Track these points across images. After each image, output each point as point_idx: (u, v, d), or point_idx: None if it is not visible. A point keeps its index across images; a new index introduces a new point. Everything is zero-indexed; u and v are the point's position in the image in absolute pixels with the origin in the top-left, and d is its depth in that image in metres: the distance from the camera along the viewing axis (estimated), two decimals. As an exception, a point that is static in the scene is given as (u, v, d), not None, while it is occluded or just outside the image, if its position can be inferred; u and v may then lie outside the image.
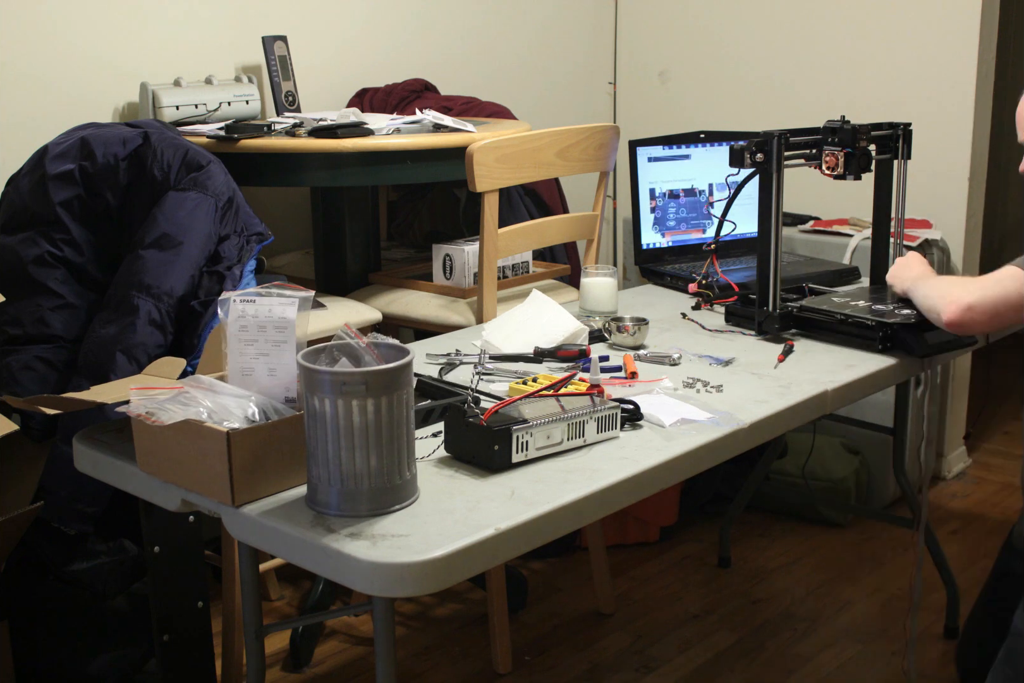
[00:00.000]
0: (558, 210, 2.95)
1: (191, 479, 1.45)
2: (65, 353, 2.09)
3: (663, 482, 1.58)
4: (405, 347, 1.41)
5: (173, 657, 1.78)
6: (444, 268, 2.58)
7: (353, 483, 1.35)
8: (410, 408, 1.38)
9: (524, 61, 3.56)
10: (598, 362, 1.75)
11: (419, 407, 1.66)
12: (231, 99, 2.65)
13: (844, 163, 2.12)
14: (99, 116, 2.55)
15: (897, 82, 3.25)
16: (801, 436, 2.97)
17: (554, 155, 2.39)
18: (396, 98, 2.98)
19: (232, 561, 2.21)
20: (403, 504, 1.38)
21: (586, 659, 2.48)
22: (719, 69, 3.61)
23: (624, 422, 1.65)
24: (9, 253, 2.13)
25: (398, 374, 1.34)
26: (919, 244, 3.04)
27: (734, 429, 1.67)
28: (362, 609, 2.21)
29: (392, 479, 1.36)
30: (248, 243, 2.19)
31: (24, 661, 2.09)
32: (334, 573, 1.32)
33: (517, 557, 1.44)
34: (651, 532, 3.00)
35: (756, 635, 2.57)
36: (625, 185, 3.14)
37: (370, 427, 1.33)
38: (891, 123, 2.20)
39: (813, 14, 3.39)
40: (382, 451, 1.34)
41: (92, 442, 1.63)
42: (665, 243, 2.68)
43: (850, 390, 1.91)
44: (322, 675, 2.41)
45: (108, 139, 2.17)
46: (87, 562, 2.12)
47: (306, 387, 1.35)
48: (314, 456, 1.36)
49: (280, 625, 2.19)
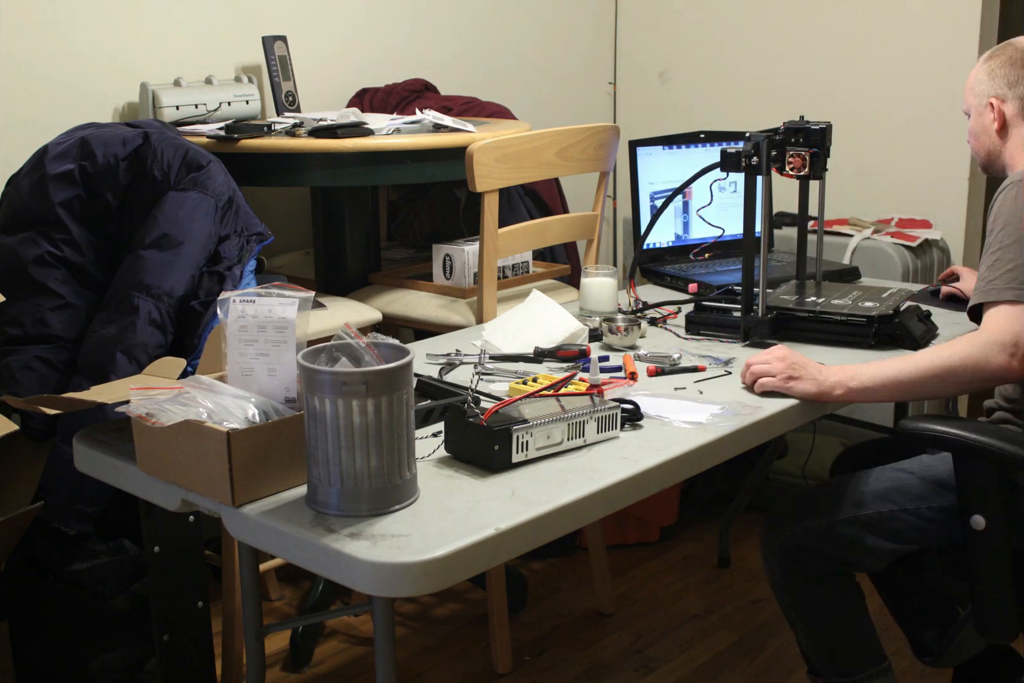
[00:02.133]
0: (558, 210, 2.95)
1: (191, 479, 1.44)
2: (65, 353, 2.09)
3: (663, 482, 1.58)
4: (405, 347, 1.41)
5: (173, 657, 1.78)
6: (444, 268, 2.58)
7: (353, 483, 1.35)
8: (410, 408, 1.37)
9: (524, 61, 3.57)
10: (598, 362, 1.75)
11: (419, 407, 1.66)
12: (231, 99, 2.65)
13: (810, 163, 2.08)
14: (99, 116, 2.55)
15: (898, 82, 3.25)
16: (801, 436, 2.97)
17: (554, 155, 2.39)
18: (396, 98, 2.98)
19: (232, 561, 2.21)
20: (403, 504, 1.38)
21: (586, 659, 2.48)
22: (719, 69, 3.61)
23: (624, 422, 1.65)
24: (9, 253, 2.13)
25: (398, 374, 1.34)
26: (919, 244, 3.04)
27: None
28: (362, 609, 2.21)
29: (392, 479, 1.36)
30: (248, 243, 2.19)
31: (24, 661, 2.09)
32: (334, 573, 1.31)
33: (517, 557, 1.44)
34: (651, 532, 3.01)
35: (756, 635, 2.57)
36: (625, 185, 3.14)
37: (370, 427, 1.33)
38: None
39: (813, 14, 3.39)
40: (382, 451, 1.34)
41: (92, 442, 1.63)
42: (665, 243, 2.69)
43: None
44: (322, 675, 2.41)
45: (108, 139, 2.17)
46: (87, 562, 2.12)
47: (306, 387, 1.35)
48: (314, 456, 1.36)
49: (280, 625, 2.19)
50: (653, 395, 1.78)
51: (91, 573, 2.12)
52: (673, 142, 2.67)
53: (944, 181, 3.17)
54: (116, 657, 2.16)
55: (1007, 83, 1.93)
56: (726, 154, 2.04)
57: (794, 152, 2.10)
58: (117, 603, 2.16)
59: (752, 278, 2.08)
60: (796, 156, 2.10)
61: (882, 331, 2.01)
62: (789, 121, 2.12)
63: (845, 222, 3.15)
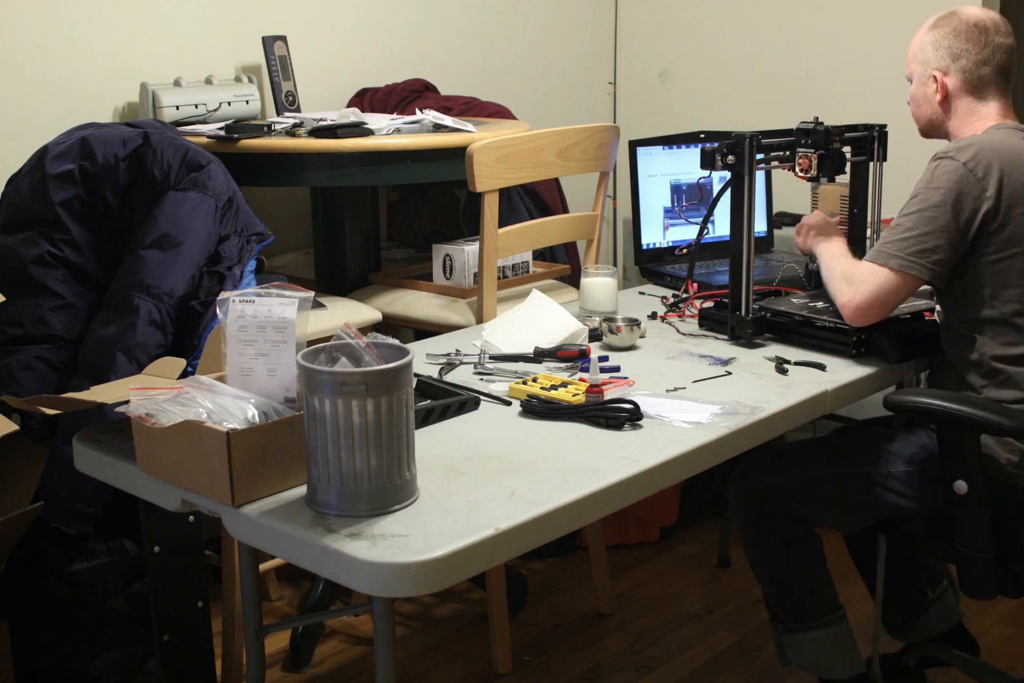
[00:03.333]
0: (558, 210, 2.95)
1: (191, 479, 1.44)
2: (65, 353, 2.09)
3: (663, 482, 1.58)
4: (405, 347, 1.41)
5: (173, 657, 1.78)
6: (444, 268, 2.58)
7: (353, 483, 1.35)
8: (410, 408, 1.37)
9: (524, 61, 3.57)
10: (597, 362, 1.75)
11: (419, 407, 1.66)
12: (231, 99, 2.65)
13: (818, 165, 2.10)
14: (99, 116, 2.55)
15: (898, 82, 3.24)
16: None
17: (554, 155, 2.39)
18: (396, 98, 2.98)
19: (232, 561, 2.21)
20: (403, 504, 1.38)
21: (586, 659, 2.48)
22: (719, 69, 3.61)
23: (624, 422, 1.65)
24: (9, 253, 2.13)
25: (398, 374, 1.34)
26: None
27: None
28: (362, 609, 2.21)
29: (392, 479, 1.36)
30: (248, 243, 2.19)
31: (24, 661, 2.09)
32: (334, 573, 1.32)
33: (517, 557, 1.44)
34: (651, 532, 3.00)
35: (756, 635, 2.57)
36: (625, 185, 3.14)
37: (370, 427, 1.33)
38: (866, 124, 2.18)
39: (813, 14, 3.39)
40: (382, 451, 1.34)
41: (92, 442, 1.63)
42: (665, 243, 2.69)
43: (850, 390, 1.91)
44: (322, 675, 2.41)
45: (108, 139, 2.17)
46: (87, 562, 2.12)
47: (306, 387, 1.35)
48: (314, 456, 1.36)
49: (280, 625, 2.19)
50: (653, 395, 1.79)
51: (91, 573, 2.12)
52: (673, 142, 2.67)
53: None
54: (116, 657, 2.16)
55: (950, 55, 1.97)
56: (704, 152, 2.07)
57: (803, 153, 2.12)
58: (117, 603, 2.16)
59: (740, 278, 2.08)
60: (804, 157, 2.12)
61: (862, 341, 2.00)
62: (803, 122, 2.13)
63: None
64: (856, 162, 2.19)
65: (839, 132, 2.10)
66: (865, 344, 1.99)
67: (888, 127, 2.20)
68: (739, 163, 2.05)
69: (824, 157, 2.09)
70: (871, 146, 2.18)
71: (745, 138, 2.04)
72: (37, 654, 2.11)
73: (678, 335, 2.16)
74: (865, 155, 2.19)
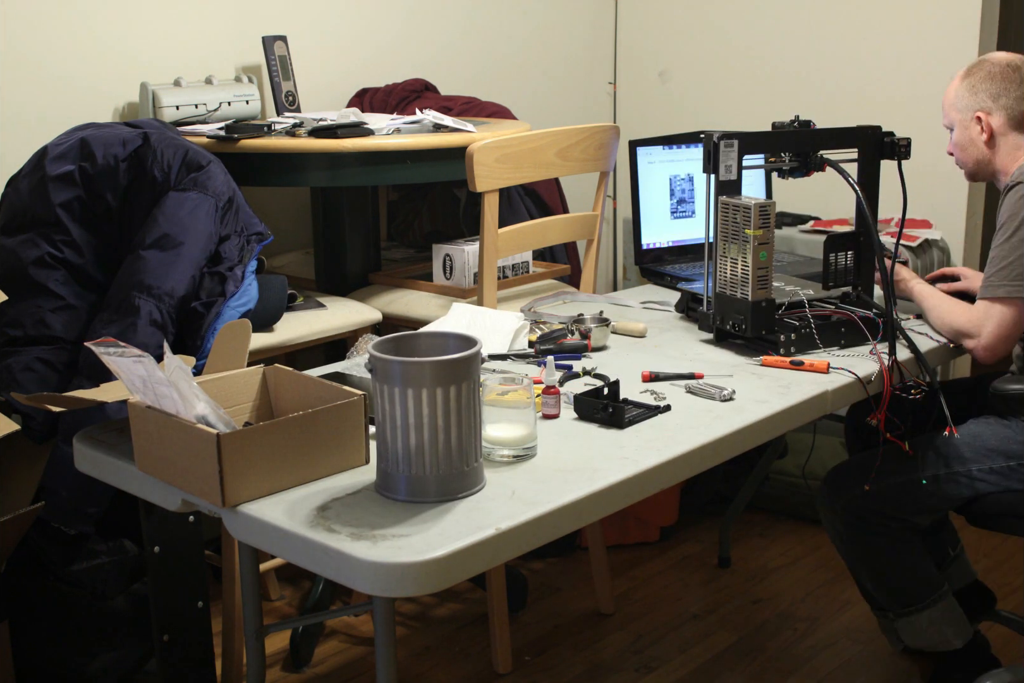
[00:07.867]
0: (558, 210, 2.96)
1: (185, 479, 1.45)
2: (66, 354, 2.09)
3: (663, 482, 1.58)
4: (474, 338, 1.43)
5: (173, 657, 1.78)
6: (444, 268, 2.58)
7: (422, 470, 1.38)
8: (478, 398, 1.41)
9: (524, 61, 3.57)
10: (553, 363, 1.76)
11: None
12: (231, 99, 2.65)
13: (798, 163, 2.13)
14: (99, 116, 2.55)
15: (898, 81, 3.25)
16: (801, 436, 2.97)
17: (554, 155, 2.39)
18: (396, 98, 2.98)
19: (232, 561, 2.21)
20: (470, 491, 1.42)
21: (586, 659, 2.48)
22: (719, 69, 3.61)
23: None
24: (9, 254, 2.13)
25: (466, 364, 1.37)
26: (919, 244, 3.04)
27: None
28: (362, 609, 2.21)
29: (459, 467, 1.39)
30: (248, 243, 2.19)
31: (24, 661, 2.09)
32: (334, 573, 1.32)
33: (517, 557, 1.44)
34: (651, 532, 3.00)
35: (756, 635, 2.57)
36: (625, 185, 3.14)
37: (438, 415, 1.36)
38: (861, 127, 2.18)
39: (814, 13, 3.39)
40: (450, 439, 1.37)
41: (92, 442, 1.63)
42: (665, 243, 2.69)
43: (850, 390, 1.91)
44: (322, 675, 2.41)
45: (108, 140, 2.17)
46: (87, 562, 2.12)
47: (376, 377, 1.37)
48: (383, 444, 1.39)
49: (280, 625, 2.19)
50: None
51: (91, 573, 2.12)
52: (673, 142, 2.67)
53: (944, 181, 3.16)
54: (116, 657, 2.16)
55: (990, 96, 2.08)
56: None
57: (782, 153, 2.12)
58: (117, 603, 2.16)
59: (716, 277, 2.06)
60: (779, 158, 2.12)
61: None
62: (776, 122, 2.14)
63: (845, 222, 3.15)
64: (851, 162, 2.18)
65: (825, 135, 2.11)
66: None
67: (887, 127, 2.20)
68: (708, 163, 2.04)
69: (800, 155, 2.12)
70: (864, 146, 2.17)
71: (715, 136, 2.03)
72: (37, 654, 2.11)
73: (677, 336, 2.15)
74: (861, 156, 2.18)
